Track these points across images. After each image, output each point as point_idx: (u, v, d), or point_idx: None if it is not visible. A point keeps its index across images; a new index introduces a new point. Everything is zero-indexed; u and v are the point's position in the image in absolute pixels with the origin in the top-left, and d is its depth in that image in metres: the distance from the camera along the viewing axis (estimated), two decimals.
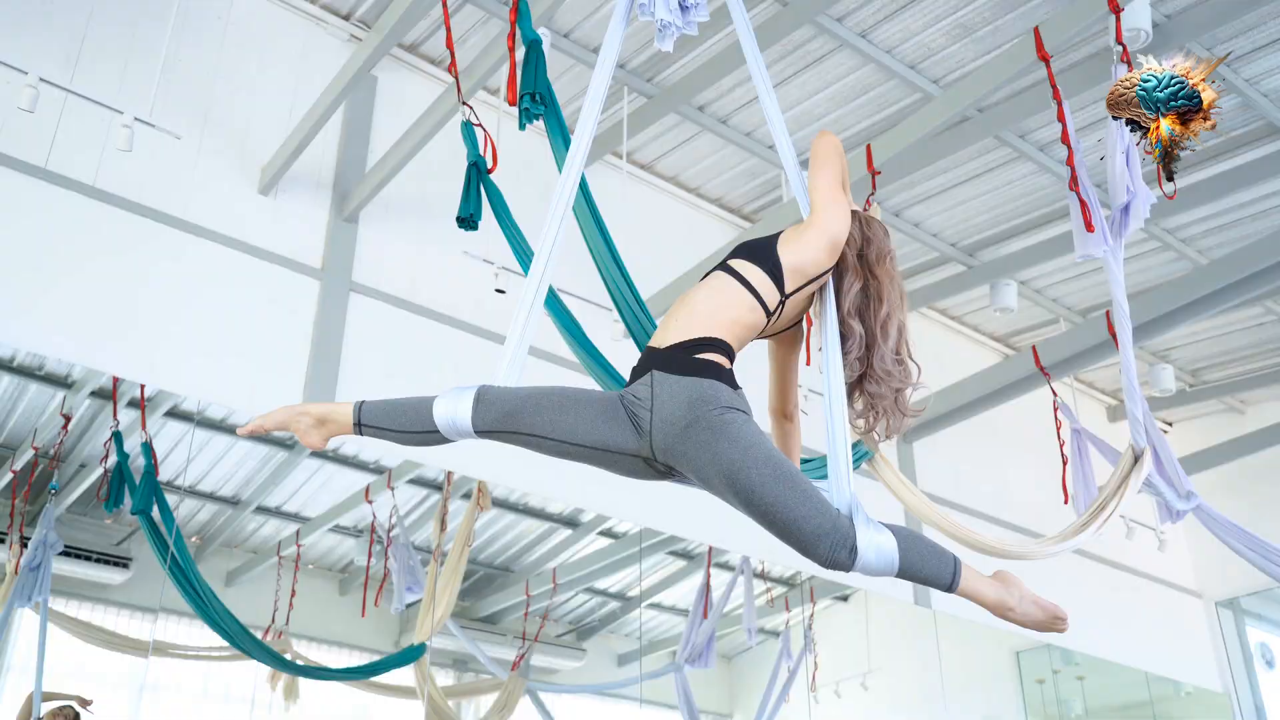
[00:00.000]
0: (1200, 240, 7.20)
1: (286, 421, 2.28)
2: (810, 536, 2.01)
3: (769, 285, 2.24)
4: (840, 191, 2.38)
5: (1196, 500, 4.52)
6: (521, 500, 6.17)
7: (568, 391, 2.20)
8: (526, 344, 2.38)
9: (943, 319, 8.19)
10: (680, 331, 2.19)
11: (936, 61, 5.88)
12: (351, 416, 2.24)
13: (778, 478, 2.02)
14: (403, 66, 6.02)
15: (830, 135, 2.47)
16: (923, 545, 2.06)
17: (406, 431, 2.22)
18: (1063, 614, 2.14)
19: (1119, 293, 3.75)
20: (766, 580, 7.16)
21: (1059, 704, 8.27)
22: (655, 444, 2.13)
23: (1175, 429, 9.29)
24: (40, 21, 4.89)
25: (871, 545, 2.01)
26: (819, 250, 2.28)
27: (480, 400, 2.17)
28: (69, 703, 4.50)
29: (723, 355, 2.17)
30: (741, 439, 2.05)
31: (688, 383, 2.12)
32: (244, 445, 5.35)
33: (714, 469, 2.06)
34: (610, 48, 2.61)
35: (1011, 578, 2.14)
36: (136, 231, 4.82)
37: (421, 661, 5.48)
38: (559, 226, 2.43)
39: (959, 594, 2.08)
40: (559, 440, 2.16)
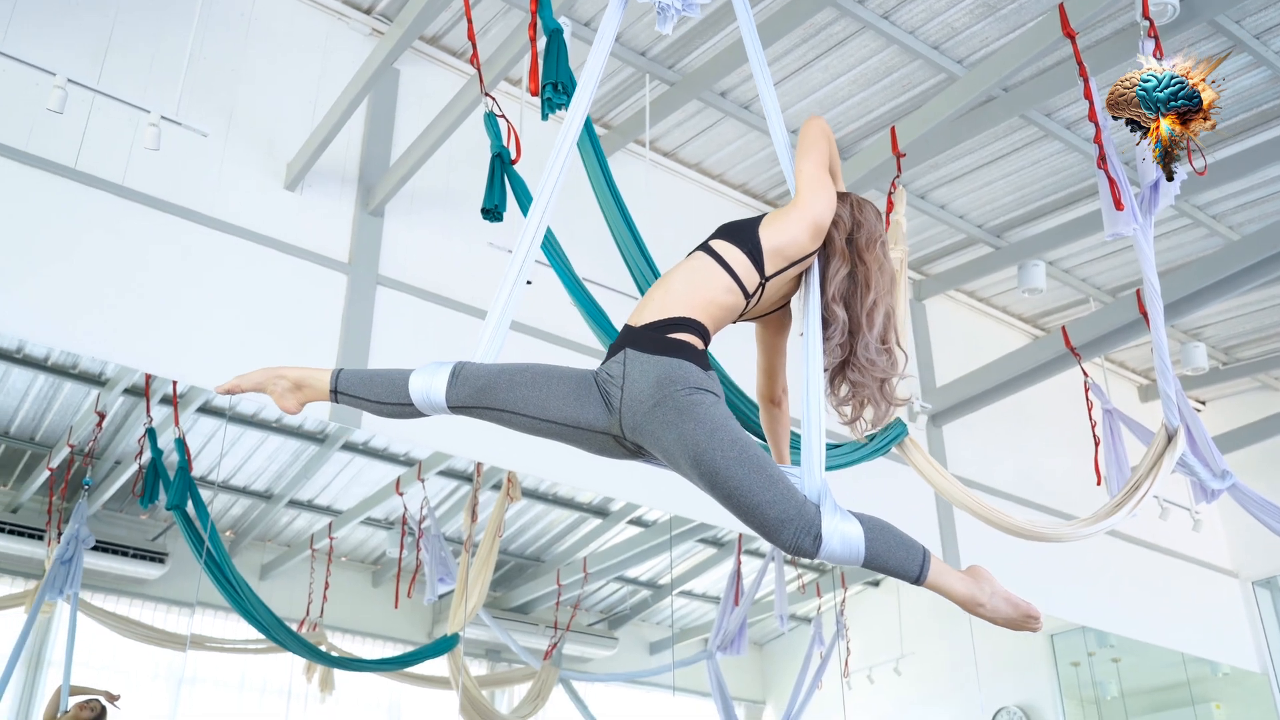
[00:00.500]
0: (1231, 216, 7.11)
1: (263, 383, 2.30)
2: (774, 522, 1.99)
3: (748, 267, 2.21)
4: (825, 174, 2.35)
5: (1231, 479, 4.47)
6: (551, 490, 6.19)
7: (542, 368, 2.21)
8: (507, 321, 2.42)
9: (971, 301, 8.14)
10: (655, 311, 2.18)
11: (960, 41, 5.83)
12: (329, 383, 2.26)
13: (743, 461, 2.01)
14: (425, 59, 6.04)
15: (819, 119, 2.45)
16: (891, 536, 2.04)
17: (381, 402, 2.24)
18: (1035, 613, 2.11)
19: (1150, 271, 3.71)
20: (797, 566, 7.16)
21: (1094, 686, 8.22)
22: (624, 422, 2.12)
23: (1209, 407, 9.20)
24: (66, 23, 4.93)
25: (836, 533, 2.00)
26: (801, 233, 2.25)
27: (456, 376, 2.20)
28: (96, 697, 4.55)
29: (696, 336, 2.16)
30: (708, 420, 2.04)
31: (658, 361, 2.10)
32: (275, 440, 5.40)
33: (680, 449, 2.04)
34: (609, 26, 2.64)
35: (983, 573, 2.11)
36: (165, 229, 4.86)
37: (455, 652, 5.52)
38: (545, 205, 2.46)
39: (927, 587, 2.05)
40: (531, 416, 2.16)
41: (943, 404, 7.25)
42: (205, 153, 5.02)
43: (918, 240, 7.44)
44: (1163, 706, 8.50)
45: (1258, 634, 8.77)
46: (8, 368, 4.73)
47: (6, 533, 4.66)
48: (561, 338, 5.49)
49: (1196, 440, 4.29)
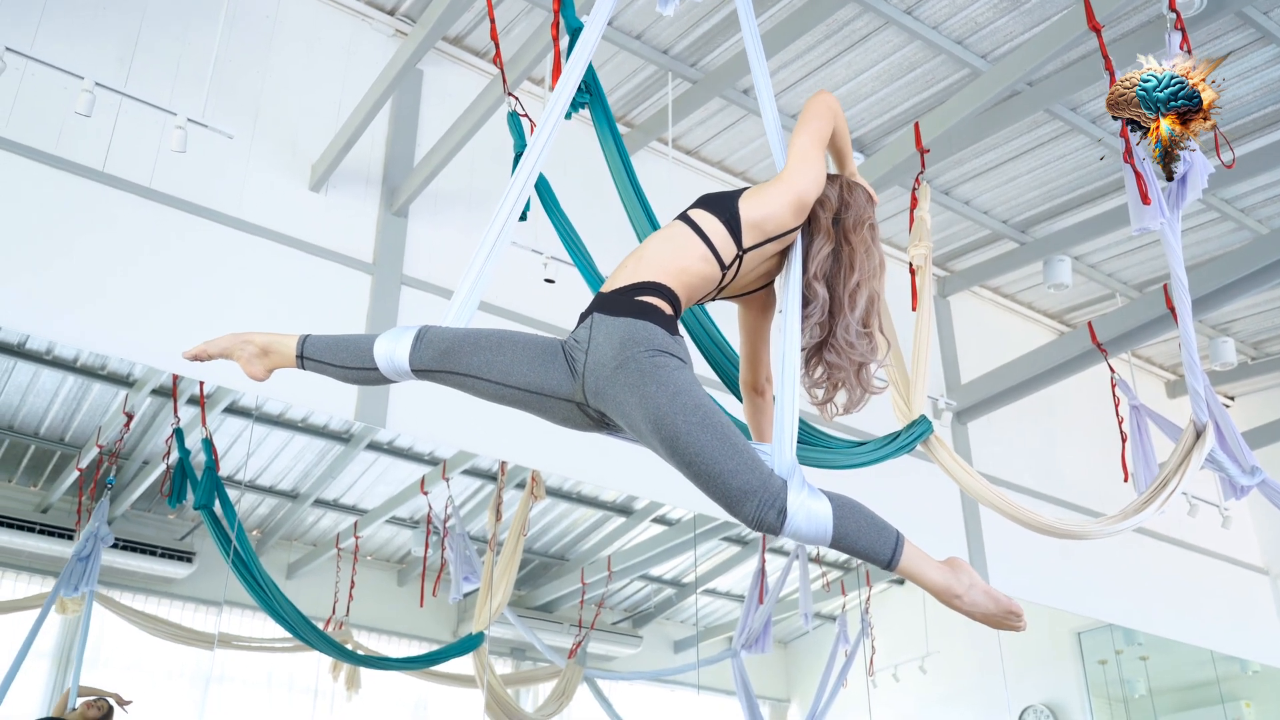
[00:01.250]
0: (1260, 209, 7.04)
1: (230, 348, 2.28)
2: (737, 492, 1.92)
3: (725, 237, 2.16)
4: (818, 151, 2.28)
5: (1261, 475, 4.42)
6: (575, 489, 6.20)
7: (508, 334, 2.17)
8: (478, 294, 2.39)
9: (996, 297, 8.10)
10: (626, 276, 2.14)
11: (984, 36, 5.80)
12: (295, 349, 2.24)
13: (706, 427, 1.94)
14: (448, 60, 6.06)
15: (826, 94, 2.38)
16: (862, 516, 1.96)
17: (346, 367, 2.21)
18: (1018, 610, 2.01)
19: (1177, 265, 3.67)
20: (822, 564, 7.14)
21: (1122, 685, 8.16)
22: (587, 387, 2.07)
23: (1238, 403, 9.12)
24: (93, 27, 4.98)
25: (803, 509, 1.92)
26: (782, 207, 2.19)
27: (420, 339, 2.16)
28: (104, 696, 4.58)
29: (665, 301, 2.10)
30: (671, 383, 1.97)
31: (622, 323, 2.05)
32: (301, 440, 5.43)
33: (640, 413, 1.98)
34: (601, 9, 2.66)
35: (962, 564, 2.02)
36: (191, 231, 4.89)
37: (480, 650, 5.53)
38: (526, 179, 2.46)
39: (900, 573, 1.97)
40: (493, 381, 2.12)
41: (968, 401, 7.22)
42: (231, 155, 5.05)
43: (942, 236, 7.41)
44: (1192, 705, 8.43)
45: None
46: (38, 369, 4.78)
47: (36, 532, 4.71)
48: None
49: (1225, 436, 4.24)
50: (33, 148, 4.58)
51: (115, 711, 4.58)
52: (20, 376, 4.79)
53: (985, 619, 2.03)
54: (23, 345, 4.69)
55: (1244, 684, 8.61)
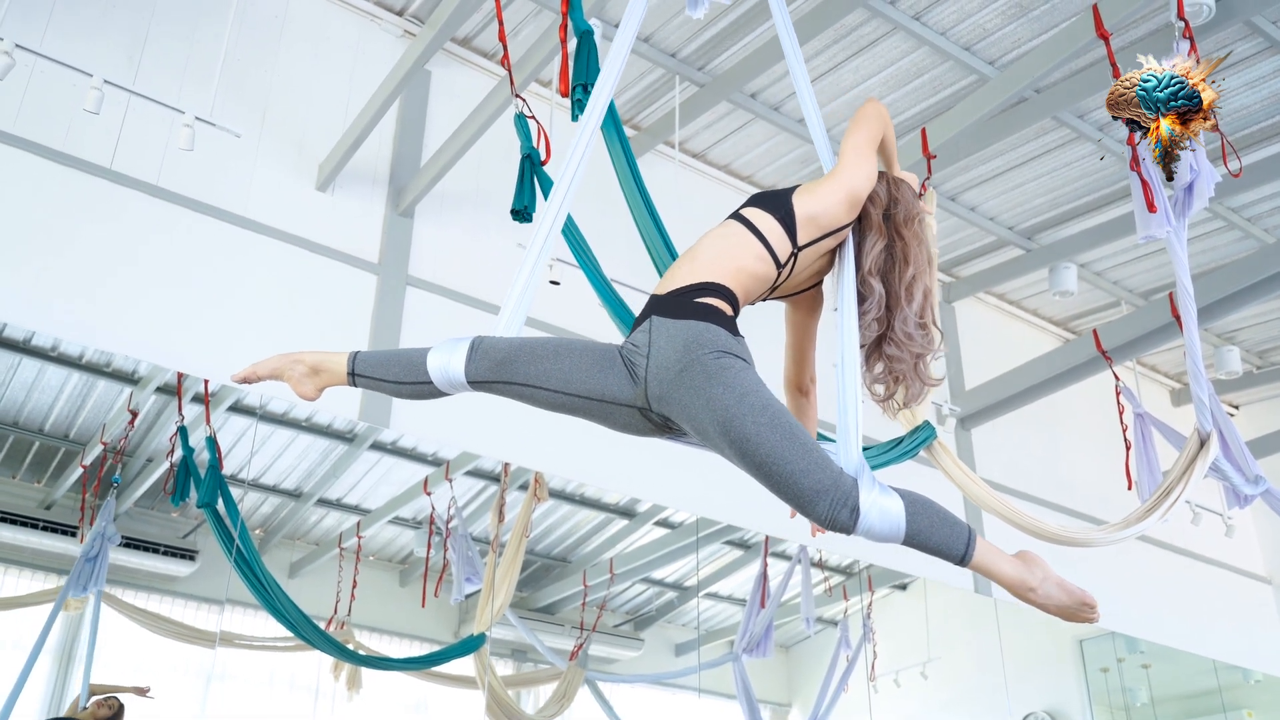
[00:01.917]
0: (1267, 219, 7.03)
1: (280, 369, 2.23)
2: (809, 492, 1.89)
3: (780, 234, 2.15)
4: (869, 150, 2.29)
5: (1265, 484, 4.42)
6: (578, 491, 6.20)
7: (563, 341, 2.14)
8: (527, 303, 2.35)
9: (1001, 304, 8.09)
10: (682, 277, 2.12)
11: (992, 42, 5.80)
12: (345, 366, 2.20)
13: (775, 427, 1.91)
14: (456, 61, 6.06)
15: (876, 101, 2.41)
16: (934, 512, 1.93)
17: (400, 382, 2.17)
18: (1092, 601, 1.98)
19: (1183, 274, 3.67)
20: (824, 569, 7.13)
21: (1124, 693, 8.15)
22: (650, 392, 2.03)
23: (1242, 412, 9.10)
24: (102, 25, 4.99)
25: (875, 506, 1.90)
26: (836, 202, 2.19)
27: (475, 350, 2.12)
28: (114, 695, 4.58)
29: (725, 301, 2.09)
30: (738, 384, 1.95)
31: (684, 325, 2.02)
32: (305, 439, 5.43)
33: (708, 415, 1.95)
34: (632, 18, 2.61)
35: (1035, 557, 2.00)
36: (198, 229, 4.90)
37: (481, 651, 5.53)
38: (567, 190, 2.43)
39: (973, 568, 1.94)
40: (553, 390, 2.08)
41: (972, 407, 7.21)
42: (238, 153, 5.06)
43: (948, 242, 7.40)
44: (1194, 714, 8.41)
45: None
46: (43, 365, 4.79)
47: (40, 529, 4.71)
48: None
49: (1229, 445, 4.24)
50: (41, 144, 4.60)
51: (125, 708, 4.59)
52: (25, 373, 4.80)
53: (1059, 611, 2.00)
54: (28, 342, 4.70)
55: (1246, 693, 8.59)
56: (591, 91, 3.07)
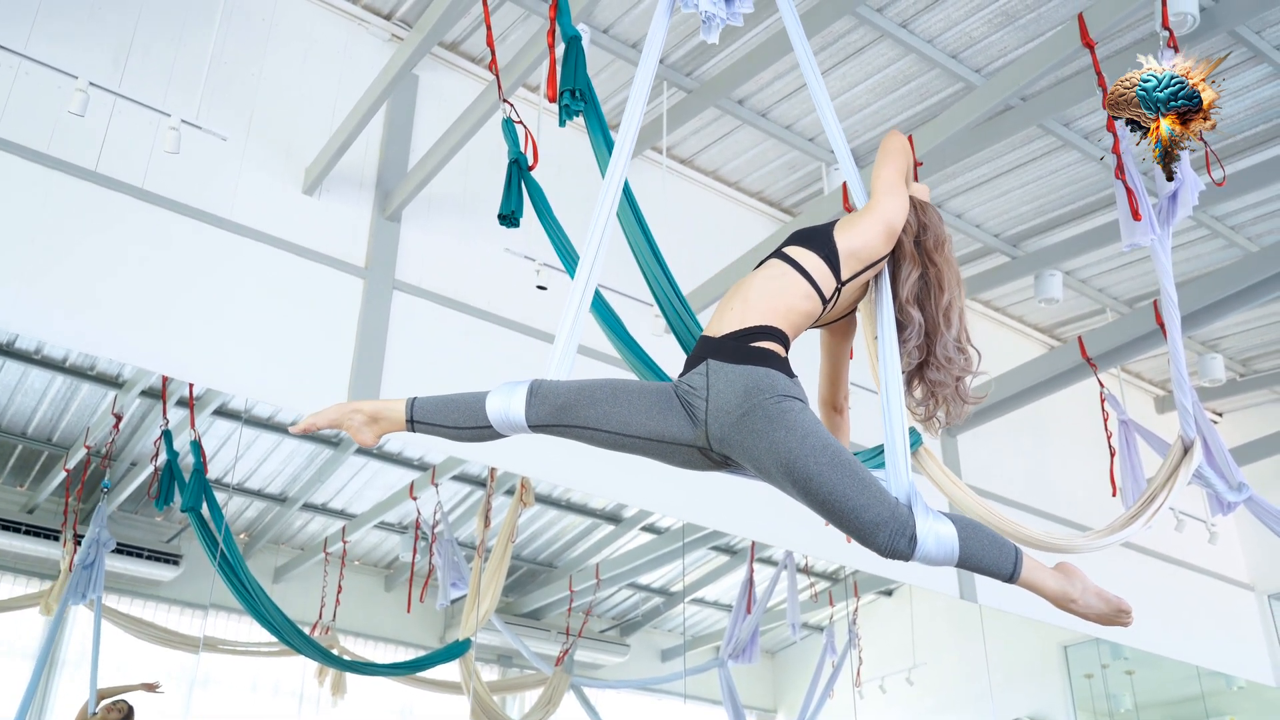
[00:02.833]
0: (1250, 227, 7.08)
1: (339, 420, 2.27)
2: (869, 525, 1.99)
3: (825, 272, 2.22)
4: (900, 182, 2.38)
5: (1248, 492, 4.44)
6: (564, 496, 6.20)
7: (621, 383, 2.19)
8: (576, 341, 2.39)
9: (987, 310, 8.12)
10: (736, 320, 2.18)
11: (978, 50, 5.83)
12: (404, 413, 2.23)
13: (835, 465, 2.00)
14: (444, 65, 6.06)
15: (899, 134, 2.50)
16: (983, 535, 2.04)
17: (460, 427, 2.21)
18: (1127, 607, 2.11)
19: (1167, 282, 3.69)
20: (810, 575, 7.14)
21: (1108, 699, 8.17)
22: (711, 433, 2.10)
23: (1226, 419, 9.15)
24: (89, 26, 4.97)
25: (931, 533, 2.00)
26: (875, 236, 2.27)
27: (534, 394, 2.17)
28: (123, 699, 4.57)
29: (778, 344, 2.16)
30: (799, 427, 2.03)
31: (744, 371, 2.09)
32: (290, 443, 5.41)
33: (771, 458, 2.04)
34: (654, 44, 2.62)
35: (1074, 569, 2.12)
36: (184, 232, 4.89)
37: (467, 657, 5.52)
38: (605, 223, 2.45)
39: (1020, 584, 2.06)
40: (613, 432, 2.14)
41: None
42: (225, 156, 5.05)
43: None
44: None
45: (1274, 647, 8.72)
46: (26, 369, 4.76)
47: (23, 533, 4.69)
48: (582, 346, 5.49)
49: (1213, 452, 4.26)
50: (25, 146, 4.57)
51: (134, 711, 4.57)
52: (8, 376, 4.77)
53: (1099, 619, 2.13)
54: (11, 344, 4.68)
55: (1229, 699, 8.63)
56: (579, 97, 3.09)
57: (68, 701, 4.54)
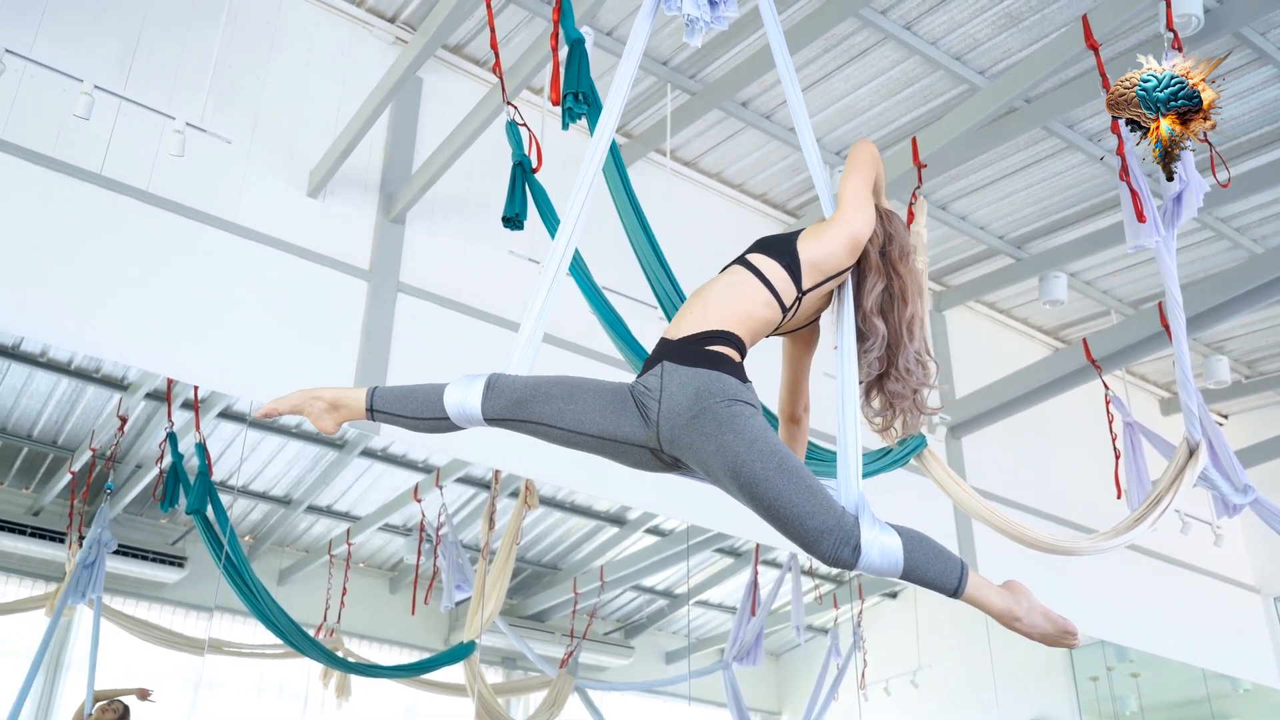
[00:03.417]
0: (1255, 229, 7.06)
1: (300, 405, 2.30)
2: (814, 533, 1.99)
3: (786, 281, 2.22)
4: (868, 194, 2.37)
5: (1254, 494, 4.44)
6: (568, 498, 6.20)
7: (577, 381, 2.21)
8: (540, 333, 2.42)
9: (991, 312, 8.11)
10: (694, 324, 2.19)
11: (983, 52, 5.82)
12: (364, 402, 2.26)
13: (782, 472, 2.01)
14: (447, 68, 6.07)
15: (869, 143, 2.48)
16: (929, 548, 2.04)
17: (417, 418, 2.23)
18: (1073, 629, 2.09)
19: (1172, 284, 3.69)
20: (814, 577, 7.13)
21: (1113, 701, 8.16)
22: (662, 435, 2.12)
23: (1231, 421, 9.13)
24: (94, 30, 4.98)
25: (876, 544, 1.99)
26: (839, 248, 2.26)
27: (491, 388, 2.19)
28: (118, 699, 4.57)
29: (734, 349, 2.16)
30: (747, 432, 2.04)
31: (696, 374, 2.11)
32: (295, 445, 5.42)
33: (719, 461, 2.04)
34: (636, 41, 2.64)
35: (1020, 588, 2.11)
36: (189, 235, 4.89)
37: (471, 659, 5.52)
38: (576, 218, 2.49)
39: (965, 600, 2.06)
40: (567, 430, 2.16)
41: (962, 416, 7.22)
42: (229, 159, 5.05)
43: (938, 251, 7.42)
44: None
45: (1279, 650, 8.69)
46: (31, 371, 4.77)
47: (28, 535, 4.70)
48: (583, 347, 5.50)
49: (1218, 454, 4.26)
50: (31, 150, 4.58)
51: (130, 712, 4.57)
52: (14, 378, 4.78)
53: (1044, 639, 2.10)
54: (17, 347, 4.69)
55: (1235, 702, 8.61)
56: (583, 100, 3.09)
57: (73, 703, 4.54)
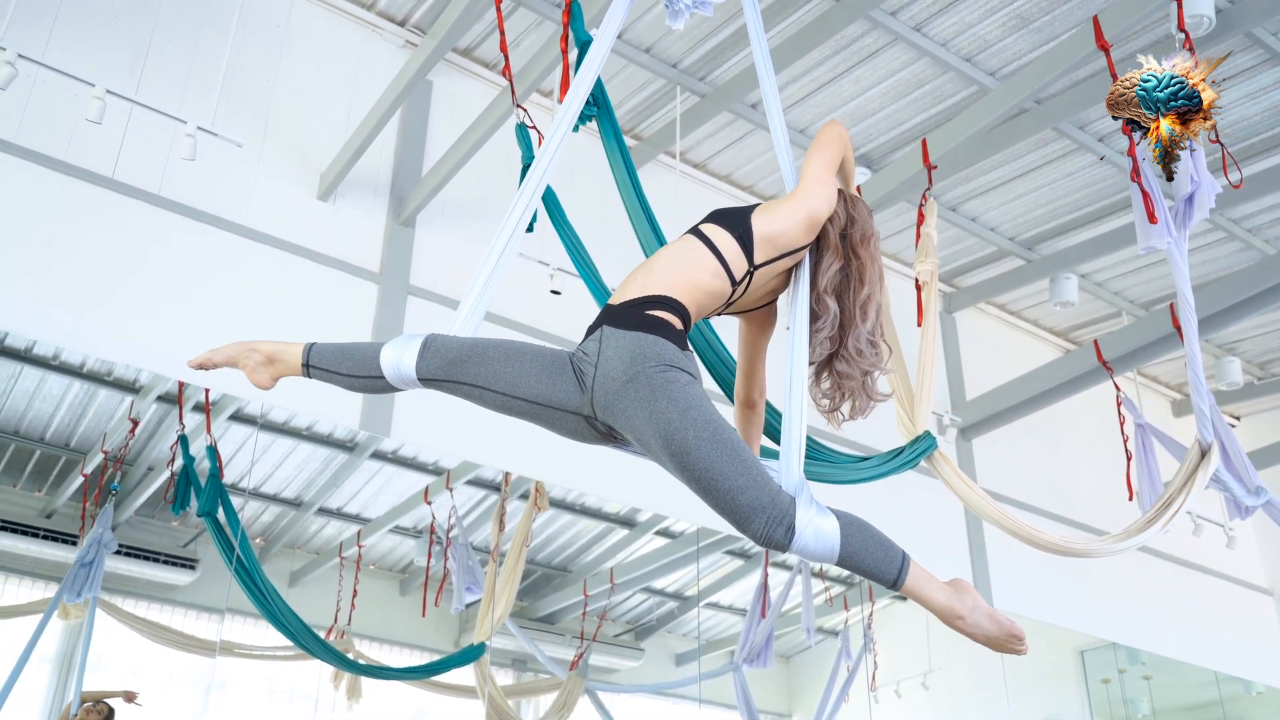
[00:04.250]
0: (1267, 230, 7.04)
1: (236, 357, 2.27)
2: (745, 509, 1.91)
3: (737, 252, 2.16)
4: (830, 174, 2.31)
5: (1266, 496, 4.42)
6: (578, 500, 6.20)
7: (515, 344, 2.16)
8: (485, 303, 2.37)
9: (1002, 314, 8.10)
10: (636, 289, 2.13)
11: (993, 53, 5.81)
12: (300, 357, 2.23)
13: (716, 443, 1.93)
14: (457, 71, 6.08)
15: (838, 124, 2.42)
16: (869, 535, 1.95)
17: (353, 375, 2.20)
18: (1020, 633, 2.00)
19: (1183, 285, 3.67)
20: (825, 579, 7.12)
21: (1125, 704, 8.12)
22: (596, 400, 2.05)
23: (1244, 423, 9.10)
24: (105, 35, 5.00)
25: (810, 526, 1.91)
26: (795, 224, 2.21)
27: (427, 347, 2.14)
28: (104, 700, 4.58)
29: (676, 315, 2.10)
30: (682, 399, 1.96)
31: (633, 337, 2.04)
32: (306, 448, 5.43)
33: (650, 428, 1.97)
34: (612, 22, 2.64)
35: (966, 586, 2.02)
36: (200, 239, 4.91)
37: (481, 661, 5.52)
38: (534, 191, 2.45)
39: (904, 593, 1.97)
40: (500, 393, 2.11)
41: (973, 417, 7.21)
42: (240, 163, 5.07)
43: (949, 253, 7.41)
44: None
45: None
46: (44, 374, 4.79)
47: (40, 538, 4.71)
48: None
49: (1230, 456, 4.24)
50: (43, 154, 4.61)
51: (115, 713, 4.58)
52: (27, 382, 4.80)
53: (987, 641, 2.03)
54: (29, 350, 4.71)
55: (1247, 705, 8.57)
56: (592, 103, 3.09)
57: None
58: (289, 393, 4.96)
